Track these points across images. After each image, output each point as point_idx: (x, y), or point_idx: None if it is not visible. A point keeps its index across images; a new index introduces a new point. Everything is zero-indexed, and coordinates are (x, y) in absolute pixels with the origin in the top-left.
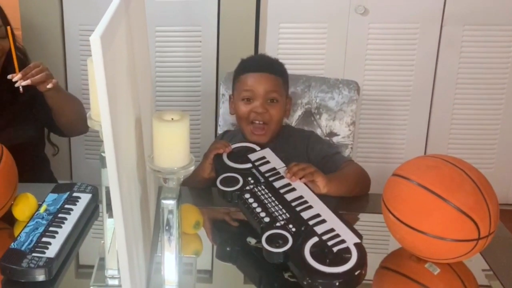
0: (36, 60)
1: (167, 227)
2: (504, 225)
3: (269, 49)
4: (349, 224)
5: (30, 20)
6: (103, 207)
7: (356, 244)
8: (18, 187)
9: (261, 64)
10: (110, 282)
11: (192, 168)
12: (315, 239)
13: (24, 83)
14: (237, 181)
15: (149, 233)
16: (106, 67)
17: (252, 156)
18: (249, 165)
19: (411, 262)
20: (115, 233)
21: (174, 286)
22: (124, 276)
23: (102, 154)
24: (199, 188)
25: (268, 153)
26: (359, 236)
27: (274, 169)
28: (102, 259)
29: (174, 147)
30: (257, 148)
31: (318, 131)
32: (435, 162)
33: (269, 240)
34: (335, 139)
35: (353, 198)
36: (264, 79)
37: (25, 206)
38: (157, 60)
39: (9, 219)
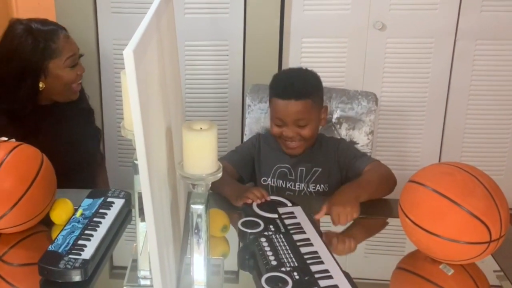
0: None
1: (196, 231)
2: None
3: (292, 62)
4: (355, 286)
5: None
6: (135, 211)
7: None
8: (56, 192)
9: (288, 89)
10: (142, 282)
11: (220, 175)
12: None
13: None
14: (258, 225)
15: (179, 236)
16: (138, 80)
17: (281, 210)
18: (275, 215)
19: (426, 263)
20: (147, 236)
21: (202, 286)
22: (156, 277)
23: (135, 161)
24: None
25: (298, 210)
26: None
27: (298, 224)
28: (134, 261)
29: (202, 155)
30: (289, 203)
31: None
32: (449, 169)
33: (269, 280)
34: None
35: (372, 203)
36: (291, 107)
37: (62, 211)
38: (186, 72)
39: (47, 223)
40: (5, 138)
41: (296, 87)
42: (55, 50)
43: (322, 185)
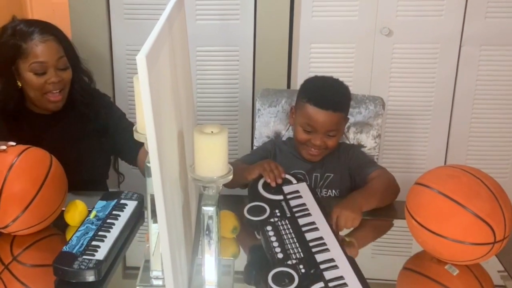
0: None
1: (207, 232)
2: None
3: (301, 67)
4: (361, 274)
5: (81, 41)
6: (148, 213)
7: None
8: (68, 194)
9: (328, 100)
10: (155, 282)
11: (230, 177)
12: (320, 285)
13: None
14: (264, 211)
15: (190, 237)
16: (151, 84)
17: (287, 189)
18: (280, 197)
19: (432, 264)
20: (159, 237)
21: (213, 286)
22: (168, 277)
23: (147, 164)
24: (236, 196)
25: (303, 188)
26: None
27: (304, 205)
28: (147, 261)
29: (213, 158)
30: (294, 181)
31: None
32: (455, 171)
33: (276, 277)
34: None
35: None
36: (327, 118)
37: (76, 212)
38: (197, 77)
39: (61, 224)
40: (13, 143)
41: (335, 99)
42: (24, 51)
43: (333, 191)
